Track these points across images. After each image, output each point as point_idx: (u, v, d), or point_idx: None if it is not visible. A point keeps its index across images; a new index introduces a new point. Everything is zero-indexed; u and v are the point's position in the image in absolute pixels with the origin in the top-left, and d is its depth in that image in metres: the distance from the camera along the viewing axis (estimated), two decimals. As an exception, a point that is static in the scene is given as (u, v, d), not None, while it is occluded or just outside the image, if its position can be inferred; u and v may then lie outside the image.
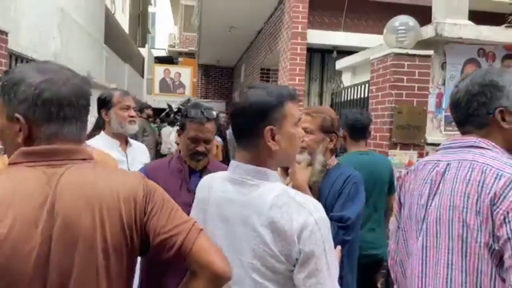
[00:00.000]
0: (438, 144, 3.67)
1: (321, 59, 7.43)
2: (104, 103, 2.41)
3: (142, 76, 16.17)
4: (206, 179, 1.39)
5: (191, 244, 1.01)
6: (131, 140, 2.55)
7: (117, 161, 2.15)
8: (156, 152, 7.44)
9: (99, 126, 2.46)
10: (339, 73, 5.70)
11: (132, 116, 2.44)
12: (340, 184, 1.87)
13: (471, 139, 1.30)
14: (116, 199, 0.97)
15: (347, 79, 5.31)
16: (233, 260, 1.12)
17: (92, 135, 2.42)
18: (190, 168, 1.93)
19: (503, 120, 1.26)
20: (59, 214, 0.92)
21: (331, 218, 1.66)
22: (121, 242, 0.97)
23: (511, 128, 1.26)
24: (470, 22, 3.82)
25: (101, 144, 2.35)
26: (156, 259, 1.07)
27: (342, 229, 1.75)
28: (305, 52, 6.35)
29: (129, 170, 2.37)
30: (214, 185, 1.30)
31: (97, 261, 0.94)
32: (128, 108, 2.43)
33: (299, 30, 6.28)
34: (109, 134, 2.42)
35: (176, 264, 1.16)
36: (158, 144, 7.58)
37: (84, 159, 1.03)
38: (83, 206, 0.94)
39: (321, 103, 7.36)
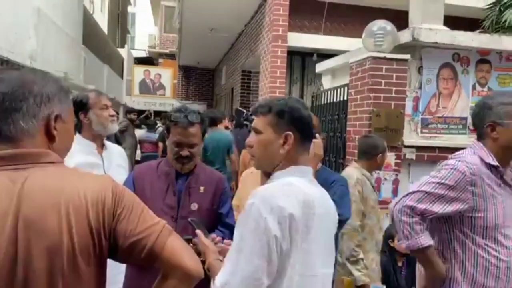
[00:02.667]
0: (415, 147, 3.79)
1: (301, 62, 7.50)
2: (81, 106, 2.35)
3: (122, 77, 15.95)
4: (295, 191, 1.24)
5: (162, 246, 1.02)
6: (106, 143, 2.50)
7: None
8: (135, 155, 7.46)
9: (77, 129, 2.41)
10: (319, 76, 5.76)
11: (112, 115, 2.39)
12: (326, 187, 1.89)
13: (471, 143, 1.80)
14: (83, 202, 0.98)
15: (327, 82, 5.37)
16: (327, 260, 1.32)
17: None
18: (178, 172, 1.94)
19: (493, 131, 1.70)
20: (24, 217, 0.93)
21: None
22: (88, 244, 0.98)
23: (498, 137, 1.70)
24: (445, 28, 3.92)
25: (77, 147, 2.31)
26: (127, 262, 1.08)
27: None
28: (286, 54, 6.40)
29: (105, 173, 2.33)
30: (307, 191, 1.26)
31: (63, 263, 0.94)
32: (106, 107, 2.38)
33: (280, 33, 6.32)
34: (87, 136, 2.36)
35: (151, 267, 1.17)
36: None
37: (52, 162, 1.03)
38: (49, 208, 0.94)
39: (301, 106, 7.41)
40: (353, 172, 2.81)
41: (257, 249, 1.14)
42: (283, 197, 1.19)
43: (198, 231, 1.51)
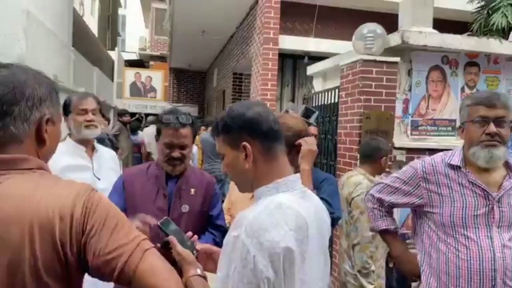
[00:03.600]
0: (405, 148, 3.82)
1: (293, 64, 7.52)
2: (65, 109, 2.34)
3: (112, 80, 15.85)
4: (283, 210, 1.08)
5: (134, 267, 0.94)
6: (98, 146, 2.49)
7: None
8: (133, 158, 7.38)
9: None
10: (311, 78, 5.78)
11: (89, 120, 2.32)
12: (316, 187, 1.90)
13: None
14: (50, 215, 0.91)
15: (318, 85, 5.39)
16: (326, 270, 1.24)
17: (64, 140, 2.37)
18: (168, 174, 1.93)
19: (462, 133, 1.76)
20: None
21: None
22: (53, 260, 0.91)
23: (465, 138, 1.76)
24: (434, 31, 3.96)
25: (64, 149, 2.30)
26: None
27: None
28: (277, 57, 6.42)
29: (94, 175, 2.32)
30: (299, 209, 1.10)
31: (25, 274, 0.89)
32: (85, 112, 2.32)
33: (271, 35, 6.34)
34: (74, 139, 2.36)
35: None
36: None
37: (30, 169, 0.98)
38: (14, 219, 0.90)
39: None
40: (362, 180, 2.73)
41: None
42: (274, 227, 1.02)
43: (171, 238, 1.27)
